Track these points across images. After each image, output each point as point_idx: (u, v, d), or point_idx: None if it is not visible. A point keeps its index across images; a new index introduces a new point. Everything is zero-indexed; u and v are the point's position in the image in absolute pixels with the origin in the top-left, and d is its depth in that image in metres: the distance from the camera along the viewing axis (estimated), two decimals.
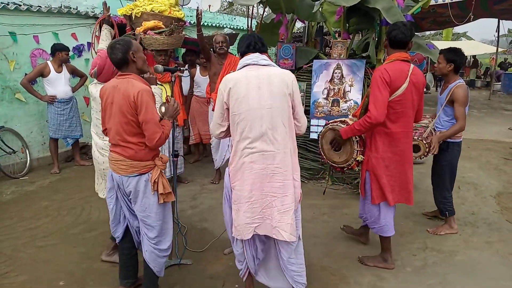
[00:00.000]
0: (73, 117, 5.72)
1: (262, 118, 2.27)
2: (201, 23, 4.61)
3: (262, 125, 2.27)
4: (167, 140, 3.23)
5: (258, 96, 2.27)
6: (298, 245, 2.47)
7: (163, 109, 2.66)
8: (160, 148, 3.19)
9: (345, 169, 3.17)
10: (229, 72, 4.59)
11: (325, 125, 3.27)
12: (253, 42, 2.42)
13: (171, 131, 2.64)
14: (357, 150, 3.00)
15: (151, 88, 2.47)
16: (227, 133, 2.44)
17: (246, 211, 2.33)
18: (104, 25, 3.81)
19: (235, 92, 2.29)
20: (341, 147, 3.08)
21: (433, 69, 4.12)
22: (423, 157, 3.59)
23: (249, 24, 5.85)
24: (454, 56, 3.42)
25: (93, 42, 4.41)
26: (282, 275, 2.56)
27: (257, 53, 2.40)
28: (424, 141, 3.52)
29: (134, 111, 2.33)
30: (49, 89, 5.48)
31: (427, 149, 3.51)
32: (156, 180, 2.45)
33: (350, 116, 3.38)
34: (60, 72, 5.51)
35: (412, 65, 2.84)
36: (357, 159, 3.00)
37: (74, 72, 5.75)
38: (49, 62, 5.46)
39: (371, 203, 3.02)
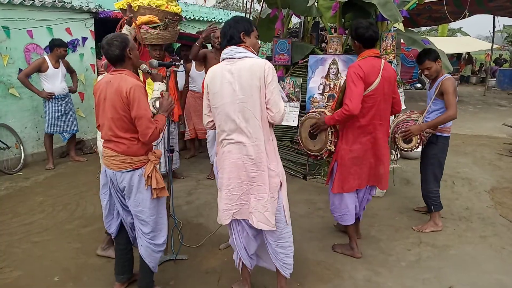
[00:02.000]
0: (69, 112, 5.69)
1: (235, 112, 2.34)
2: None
3: (235, 118, 2.35)
4: (162, 136, 3.23)
5: (230, 90, 2.33)
6: (283, 230, 2.51)
7: (157, 103, 2.65)
8: (155, 143, 3.21)
9: (318, 158, 3.36)
10: None
11: (305, 114, 3.44)
12: (225, 39, 2.39)
13: (165, 126, 2.63)
14: (331, 141, 3.18)
15: (144, 84, 2.47)
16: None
17: (225, 198, 2.46)
18: (125, 25, 4.07)
19: (212, 86, 2.41)
20: (317, 137, 3.26)
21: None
22: (414, 149, 3.61)
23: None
24: (435, 53, 3.51)
25: None
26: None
27: (233, 46, 2.37)
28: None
29: (126, 106, 2.32)
30: (46, 84, 5.43)
31: (419, 141, 3.54)
32: (150, 175, 2.44)
33: (328, 108, 3.51)
34: (57, 68, 5.47)
35: (383, 61, 3.01)
36: (330, 149, 3.17)
37: (67, 67, 5.71)
38: (46, 57, 5.41)
39: (331, 191, 3.20)
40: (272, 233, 2.49)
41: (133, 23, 4.12)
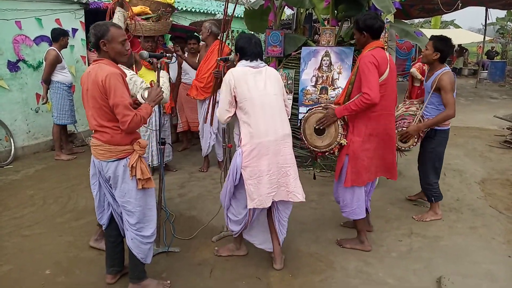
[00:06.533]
0: (73, 101, 5.75)
1: (271, 102, 2.73)
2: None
3: (272, 107, 2.72)
4: (155, 129, 3.21)
5: (265, 86, 2.73)
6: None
7: (145, 93, 2.63)
8: (148, 136, 3.18)
9: (326, 154, 3.22)
10: (211, 56, 4.60)
11: (308, 110, 3.28)
12: (255, 53, 2.78)
13: (157, 117, 2.61)
14: (341, 134, 3.05)
15: (122, 71, 2.42)
16: (232, 118, 2.80)
17: (267, 183, 2.71)
18: (117, 7, 3.89)
19: (244, 82, 2.69)
20: (325, 131, 3.12)
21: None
22: (412, 147, 3.61)
23: (225, 9, 5.76)
24: (442, 45, 3.43)
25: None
26: (264, 233, 3.03)
27: (259, 59, 2.81)
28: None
29: (104, 95, 2.30)
30: (61, 75, 5.41)
31: (416, 139, 3.54)
32: (134, 165, 2.41)
33: (332, 105, 3.35)
34: (63, 58, 5.47)
35: (387, 52, 3.03)
36: (341, 142, 3.06)
37: None
38: (55, 49, 5.32)
39: (343, 185, 3.10)
40: (289, 208, 2.96)
41: (126, 5, 3.98)
